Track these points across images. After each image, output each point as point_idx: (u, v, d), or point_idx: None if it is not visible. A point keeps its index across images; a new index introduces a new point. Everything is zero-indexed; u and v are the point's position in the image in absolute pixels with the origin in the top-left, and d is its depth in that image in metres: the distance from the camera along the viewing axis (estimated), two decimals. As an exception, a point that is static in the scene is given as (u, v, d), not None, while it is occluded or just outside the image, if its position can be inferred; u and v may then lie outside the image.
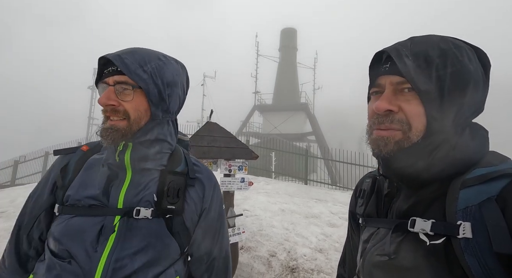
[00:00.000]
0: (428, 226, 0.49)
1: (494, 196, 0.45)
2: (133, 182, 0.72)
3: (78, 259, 0.64)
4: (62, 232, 0.68)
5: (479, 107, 0.56)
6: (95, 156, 0.79)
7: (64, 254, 0.66)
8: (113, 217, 0.68)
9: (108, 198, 0.70)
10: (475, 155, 0.53)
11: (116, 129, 0.68)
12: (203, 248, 0.80)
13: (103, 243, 0.66)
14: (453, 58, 0.51)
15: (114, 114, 0.69)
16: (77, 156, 0.79)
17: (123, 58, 0.67)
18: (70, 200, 0.71)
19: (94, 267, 0.64)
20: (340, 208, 4.75)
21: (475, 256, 0.44)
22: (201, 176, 0.82)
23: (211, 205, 0.81)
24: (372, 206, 0.65)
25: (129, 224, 0.68)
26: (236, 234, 2.33)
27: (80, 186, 0.73)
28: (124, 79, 0.68)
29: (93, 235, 0.66)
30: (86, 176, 0.74)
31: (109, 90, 0.68)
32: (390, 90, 0.55)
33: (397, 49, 0.54)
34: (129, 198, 0.70)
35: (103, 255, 0.65)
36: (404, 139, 0.53)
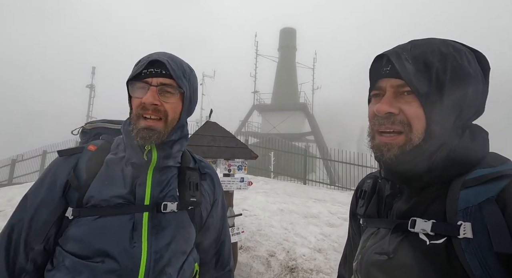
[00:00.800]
0: (428, 226, 0.50)
1: (494, 197, 0.46)
2: (155, 179, 0.77)
3: (116, 257, 0.67)
4: (90, 233, 0.67)
5: (479, 109, 0.57)
6: (110, 155, 0.77)
7: (94, 254, 0.66)
8: (141, 214, 0.72)
9: (135, 196, 0.73)
10: (475, 156, 0.53)
11: (155, 130, 0.72)
12: (213, 235, 0.91)
13: (138, 239, 0.70)
14: (453, 62, 0.52)
15: (155, 113, 0.72)
16: (85, 156, 0.77)
17: (171, 64, 0.73)
18: (93, 201, 0.70)
19: (137, 262, 0.68)
20: (339, 208, 4.76)
21: (475, 256, 0.44)
22: (209, 171, 0.93)
23: (219, 197, 0.93)
24: (373, 207, 0.66)
25: (158, 218, 0.73)
26: (235, 234, 2.33)
27: (104, 186, 0.72)
28: (169, 82, 0.73)
29: (127, 233, 0.69)
30: (107, 175, 0.74)
31: (153, 90, 0.72)
32: (390, 93, 0.56)
33: (397, 53, 0.55)
34: (155, 195, 0.75)
35: (143, 250, 0.69)
36: (406, 142, 0.53)
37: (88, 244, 0.66)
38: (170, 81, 0.73)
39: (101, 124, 0.94)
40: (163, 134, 0.74)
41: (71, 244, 0.67)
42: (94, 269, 0.65)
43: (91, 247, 0.66)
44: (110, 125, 0.95)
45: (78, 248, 0.67)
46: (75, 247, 0.67)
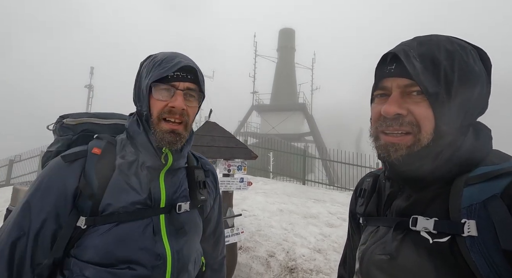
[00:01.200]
0: (431, 225, 0.49)
1: (498, 193, 0.45)
2: (167, 181, 0.78)
3: (143, 262, 0.67)
4: (111, 241, 0.66)
5: (483, 107, 0.56)
6: (119, 159, 0.73)
7: (119, 261, 0.65)
8: (158, 216, 0.73)
9: (151, 199, 0.74)
10: (479, 153, 0.53)
11: (180, 134, 0.74)
12: (213, 226, 0.96)
13: (160, 241, 0.71)
14: (460, 60, 0.51)
15: (181, 117, 0.73)
16: (92, 161, 0.71)
17: (198, 70, 0.75)
18: (111, 208, 0.68)
19: (164, 264, 0.70)
20: (338, 208, 4.76)
21: (481, 254, 0.43)
22: (210, 167, 0.96)
23: (218, 191, 0.97)
24: (373, 205, 0.65)
25: (174, 219, 0.75)
26: (235, 234, 2.32)
27: (121, 192, 0.70)
28: (194, 87, 0.75)
29: (150, 236, 0.70)
30: (122, 181, 0.71)
31: (180, 94, 0.72)
32: (397, 93, 0.54)
33: (405, 51, 0.53)
34: (170, 196, 0.77)
35: (167, 251, 0.71)
36: (415, 143, 0.52)
37: (111, 252, 0.65)
38: (194, 86, 0.75)
39: (87, 119, 0.82)
40: (185, 138, 0.76)
41: (91, 253, 0.64)
42: (121, 276, 0.65)
43: (115, 254, 0.65)
44: (99, 120, 0.84)
45: (99, 257, 0.64)
46: (96, 257, 0.64)
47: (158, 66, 0.71)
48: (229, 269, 2.38)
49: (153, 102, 0.72)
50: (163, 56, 0.73)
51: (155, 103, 0.72)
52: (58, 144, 0.81)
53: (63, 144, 0.80)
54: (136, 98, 0.77)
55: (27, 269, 0.63)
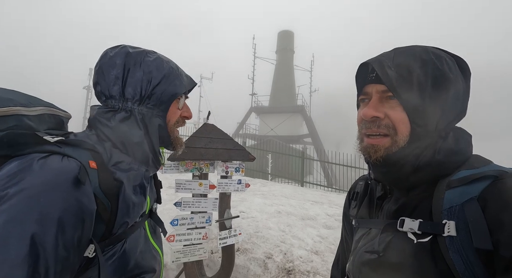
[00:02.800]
0: (416, 226, 0.52)
1: (476, 196, 0.48)
2: (149, 187, 0.77)
3: (150, 267, 0.70)
4: (127, 256, 0.62)
5: (461, 113, 0.60)
6: (121, 173, 0.63)
7: (132, 275, 0.65)
8: (144, 222, 0.74)
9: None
10: (458, 157, 0.56)
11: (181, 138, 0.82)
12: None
13: (150, 243, 0.75)
14: (434, 68, 0.55)
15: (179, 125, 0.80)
16: (94, 177, 0.57)
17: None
18: (124, 226, 0.61)
19: (159, 263, 0.76)
20: (336, 210, 4.77)
21: (458, 252, 0.46)
22: None
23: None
24: (365, 208, 0.68)
25: (154, 221, 0.80)
26: (232, 236, 2.33)
27: (132, 206, 0.63)
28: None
29: (146, 241, 0.73)
30: (131, 194, 0.64)
31: (186, 103, 0.80)
32: (376, 98, 0.59)
33: (379, 61, 0.58)
34: (152, 200, 0.79)
35: (159, 251, 0.77)
36: (392, 145, 0.56)
37: (127, 271, 0.63)
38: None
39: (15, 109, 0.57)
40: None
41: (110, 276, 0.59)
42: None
43: (131, 271, 0.64)
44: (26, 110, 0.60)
45: (119, 275, 0.61)
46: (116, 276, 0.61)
47: (185, 76, 0.76)
48: (227, 271, 2.38)
49: (173, 109, 0.74)
50: (175, 65, 0.75)
51: (175, 111, 0.75)
52: None
53: None
54: (145, 96, 0.66)
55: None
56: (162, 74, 0.69)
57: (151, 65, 0.68)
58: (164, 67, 0.70)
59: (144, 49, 0.71)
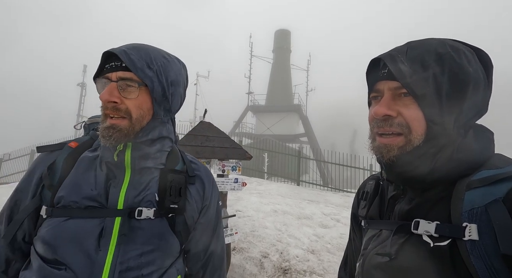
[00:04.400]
0: (432, 228, 0.49)
1: (501, 198, 0.45)
2: (132, 182, 0.70)
3: (78, 264, 0.60)
4: (55, 236, 0.62)
5: (481, 109, 0.56)
6: (86, 152, 0.73)
7: (58, 260, 0.61)
8: (113, 219, 0.65)
9: (107, 199, 0.67)
10: (479, 157, 0.52)
11: (118, 129, 0.65)
12: (201, 244, 0.80)
13: (105, 246, 0.63)
14: (451, 61, 0.51)
15: (115, 112, 0.65)
16: (65, 153, 0.72)
17: (129, 54, 0.65)
18: (63, 201, 0.66)
19: (98, 272, 0.61)
20: (332, 209, 4.78)
21: (481, 258, 0.43)
22: (200, 173, 0.82)
23: (211, 202, 0.82)
24: (375, 208, 0.65)
25: (131, 225, 0.66)
26: (228, 235, 2.31)
27: (74, 185, 0.67)
28: (129, 76, 0.65)
29: (93, 238, 0.63)
30: (79, 174, 0.69)
31: (112, 86, 0.65)
32: (388, 95, 0.56)
33: (392, 56, 0.55)
34: (130, 198, 0.68)
35: (108, 259, 0.62)
36: (406, 144, 0.53)
37: (53, 248, 0.61)
38: (129, 75, 0.65)
39: (95, 119, 0.94)
40: (128, 133, 0.66)
41: (40, 245, 0.63)
42: (59, 276, 0.60)
43: (56, 251, 0.61)
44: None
45: (44, 250, 0.62)
46: (42, 249, 0.63)
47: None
48: (223, 270, 2.36)
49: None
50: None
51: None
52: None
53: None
54: None
55: (6, 247, 0.68)
56: None
57: None
58: None
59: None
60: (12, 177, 10.60)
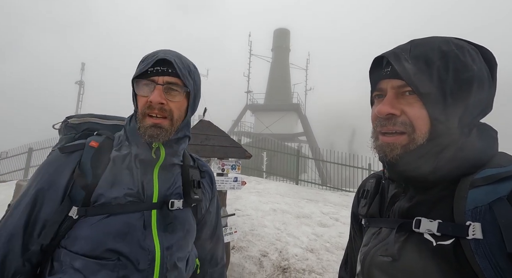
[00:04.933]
0: (434, 227, 0.48)
1: (505, 196, 0.44)
2: (161, 177, 0.77)
3: (133, 255, 0.67)
4: (102, 232, 0.66)
5: (486, 107, 0.55)
6: (115, 151, 0.75)
7: (108, 254, 0.65)
8: (150, 211, 0.73)
9: (144, 193, 0.74)
10: (483, 155, 0.52)
11: (162, 128, 0.72)
12: (209, 231, 0.94)
13: (150, 237, 0.70)
14: (455, 59, 0.51)
15: (161, 112, 0.72)
16: (89, 153, 0.73)
17: (177, 63, 0.73)
18: (103, 199, 0.69)
19: (152, 260, 0.69)
20: (330, 208, 4.79)
21: (486, 257, 0.43)
22: (207, 169, 0.95)
23: (215, 193, 0.96)
24: (376, 206, 0.64)
25: (166, 216, 0.75)
26: (228, 234, 2.31)
27: (114, 183, 0.71)
28: (175, 81, 0.73)
29: (140, 230, 0.70)
30: (117, 172, 0.72)
31: (159, 89, 0.71)
32: (392, 94, 0.55)
33: (395, 54, 0.54)
34: (163, 192, 0.76)
35: (156, 247, 0.70)
36: (410, 142, 0.53)
37: (101, 244, 0.65)
38: (176, 80, 0.73)
39: (90, 119, 0.86)
40: (170, 132, 0.74)
41: (81, 244, 0.65)
42: (110, 267, 0.65)
43: (104, 246, 0.65)
44: (100, 120, 0.88)
45: (89, 248, 0.65)
46: (86, 248, 0.65)
47: (141, 63, 0.73)
48: (222, 269, 2.36)
49: (138, 98, 0.74)
50: (148, 54, 0.75)
51: (139, 99, 0.73)
52: (62, 142, 0.83)
53: (66, 141, 0.83)
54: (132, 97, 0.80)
55: (19, 255, 0.65)
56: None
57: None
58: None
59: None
60: (10, 175, 10.54)
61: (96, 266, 0.64)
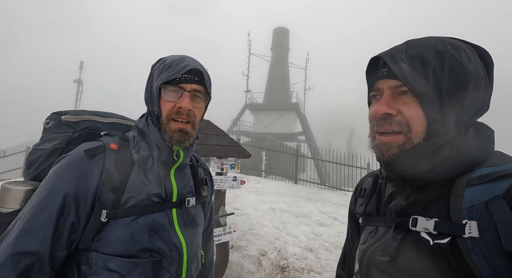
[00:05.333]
0: (431, 225, 0.49)
1: (501, 195, 0.45)
2: (177, 177, 0.82)
3: (166, 251, 0.72)
4: (135, 233, 0.69)
5: (482, 107, 0.56)
6: (135, 154, 0.77)
7: (142, 252, 0.69)
8: (171, 210, 0.78)
9: (165, 194, 0.77)
10: (479, 154, 0.52)
11: (188, 133, 0.77)
12: (207, 222, 1.00)
13: (175, 233, 0.76)
14: (450, 59, 0.52)
15: (187, 117, 0.77)
16: (111, 156, 0.73)
17: (203, 72, 0.79)
18: (133, 201, 0.71)
19: (181, 254, 0.75)
20: (329, 207, 4.80)
21: (483, 255, 0.43)
22: (206, 166, 1.01)
23: (213, 189, 1.05)
24: (373, 205, 0.65)
25: (186, 213, 0.80)
26: (227, 233, 2.31)
27: (142, 186, 0.73)
28: (200, 89, 0.78)
29: (167, 228, 0.74)
30: (143, 175, 0.75)
31: (187, 96, 0.76)
32: (388, 94, 0.56)
33: (391, 54, 0.55)
34: (180, 191, 0.81)
35: (182, 242, 0.76)
36: (406, 142, 0.53)
37: (136, 243, 0.68)
38: (201, 88, 0.78)
39: (89, 117, 0.83)
40: (193, 136, 0.79)
41: (115, 246, 0.67)
42: (145, 264, 0.68)
43: (139, 245, 0.68)
44: (100, 118, 0.86)
45: (124, 248, 0.67)
46: (121, 248, 0.67)
47: (167, 69, 0.75)
48: (221, 268, 2.37)
49: (162, 103, 0.76)
50: (172, 59, 0.77)
51: (165, 104, 0.76)
52: (55, 141, 0.79)
53: (62, 141, 0.79)
54: (148, 99, 0.80)
55: (45, 259, 0.62)
56: (155, 75, 0.78)
57: (153, 72, 0.80)
58: (158, 68, 0.78)
59: (159, 59, 0.82)
60: (8, 174, 10.49)
61: (131, 265, 0.67)
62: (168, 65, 0.76)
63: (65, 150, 0.78)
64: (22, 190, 0.71)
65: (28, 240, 0.60)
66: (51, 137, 0.80)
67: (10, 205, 0.70)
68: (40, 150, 0.79)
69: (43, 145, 0.79)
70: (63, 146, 0.79)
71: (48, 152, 0.78)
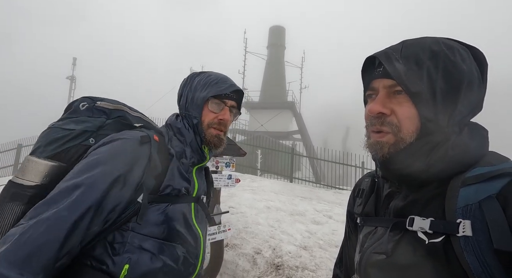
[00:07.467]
0: (427, 225, 0.49)
1: (494, 194, 0.45)
2: (198, 175, 0.91)
3: (191, 237, 0.81)
4: (170, 218, 0.77)
5: (476, 107, 0.57)
6: (171, 148, 0.86)
7: (173, 236, 0.77)
8: (191, 204, 0.86)
9: (190, 188, 0.86)
10: (474, 154, 0.53)
11: (223, 139, 0.91)
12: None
13: (193, 225, 0.84)
14: (445, 59, 0.52)
15: (224, 127, 0.91)
16: (155, 147, 0.80)
17: (242, 94, 0.96)
18: (169, 189, 0.79)
19: (199, 244, 0.85)
20: (324, 205, 4.84)
21: (475, 254, 0.44)
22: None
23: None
24: (371, 205, 0.65)
25: (203, 208, 0.91)
26: (221, 232, 2.30)
27: (178, 177, 0.82)
28: (235, 105, 0.94)
29: (191, 218, 0.84)
30: (178, 167, 0.84)
31: (227, 109, 0.91)
32: (383, 93, 0.56)
33: (386, 54, 0.56)
34: (200, 188, 0.90)
35: (200, 233, 0.86)
36: (398, 141, 0.54)
37: (170, 228, 0.76)
38: (235, 104, 0.94)
39: (123, 107, 0.90)
40: (225, 142, 0.92)
41: (152, 228, 0.74)
42: (173, 247, 0.76)
43: (175, 230, 0.77)
44: (131, 111, 0.93)
45: (160, 231, 0.75)
46: (157, 231, 0.74)
47: (215, 85, 0.89)
48: (216, 266, 2.36)
49: (206, 112, 0.89)
50: (217, 76, 0.92)
51: (208, 113, 0.89)
52: (86, 124, 0.81)
53: (94, 124, 0.81)
54: (187, 104, 0.91)
55: (83, 229, 0.64)
56: (198, 86, 0.90)
57: (195, 82, 0.93)
58: (202, 81, 0.91)
59: (199, 72, 0.96)
60: None
61: (163, 246, 0.74)
62: (215, 81, 0.89)
63: (94, 134, 0.80)
64: (49, 164, 0.72)
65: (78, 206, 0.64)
66: (82, 119, 0.82)
67: (34, 178, 0.70)
68: (65, 130, 0.78)
69: (69, 125, 0.80)
70: (94, 129, 0.81)
71: (77, 132, 0.78)
